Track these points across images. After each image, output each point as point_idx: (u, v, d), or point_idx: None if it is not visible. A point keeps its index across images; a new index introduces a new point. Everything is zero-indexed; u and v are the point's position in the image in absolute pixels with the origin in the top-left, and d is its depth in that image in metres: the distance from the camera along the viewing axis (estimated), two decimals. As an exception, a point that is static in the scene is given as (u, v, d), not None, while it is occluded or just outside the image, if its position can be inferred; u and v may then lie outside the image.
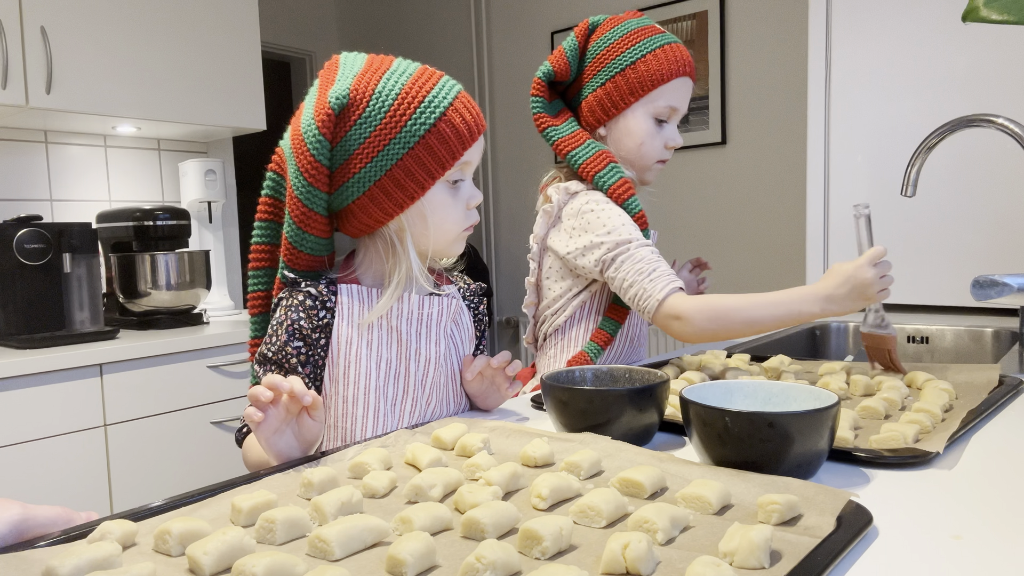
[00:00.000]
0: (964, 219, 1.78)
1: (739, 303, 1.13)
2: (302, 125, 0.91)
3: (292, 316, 0.92)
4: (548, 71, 1.33)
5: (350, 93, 0.90)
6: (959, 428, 0.84)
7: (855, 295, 1.06)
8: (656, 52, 1.28)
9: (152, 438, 2.03)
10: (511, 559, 0.53)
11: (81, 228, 2.11)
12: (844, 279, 1.07)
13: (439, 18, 3.81)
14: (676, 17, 3.04)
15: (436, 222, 0.95)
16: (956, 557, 0.56)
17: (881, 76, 1.88)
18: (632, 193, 1.28)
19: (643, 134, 1.30)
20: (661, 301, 1.16)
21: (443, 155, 0.92)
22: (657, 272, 1.18)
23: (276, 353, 0.93)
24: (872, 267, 1.06)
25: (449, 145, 0.92)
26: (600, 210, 1.25)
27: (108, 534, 0.59)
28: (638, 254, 1.20)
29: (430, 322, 0.99)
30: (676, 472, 0.71)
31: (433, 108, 0.90)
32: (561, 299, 1.33)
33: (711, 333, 1.14)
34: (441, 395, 1.00)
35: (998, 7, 1.09)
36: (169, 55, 2.34)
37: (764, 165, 2.88)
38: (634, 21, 1.32)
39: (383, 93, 0.90)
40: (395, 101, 0.90)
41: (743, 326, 1.13)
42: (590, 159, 1.29)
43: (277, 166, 0.96)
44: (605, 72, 1.30)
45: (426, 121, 0.90)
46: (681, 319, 1.14)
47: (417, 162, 0.91)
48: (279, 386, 0.78)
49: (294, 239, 0.94)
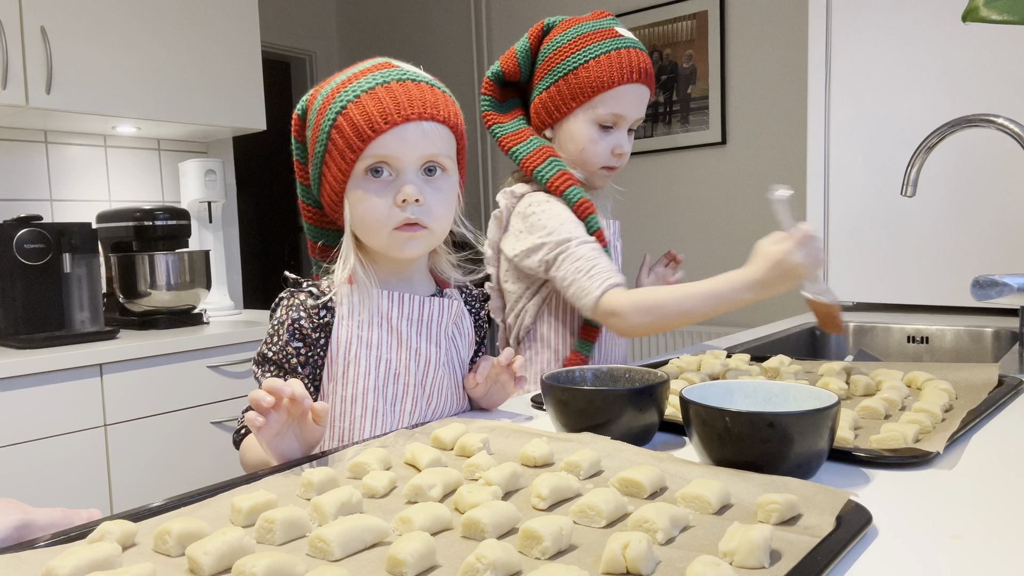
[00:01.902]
0: (964, 219, 1.78)
1: (671, 295, 1.14)
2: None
3: (293, 316, 0.93)
4: (497, 71, 1.33)
5: (310, 95, 0.97)
6: (959, 428, 0.84)
7: (787, 278, 1.06)
8: (601, 58, 1.25)
9: (152, 438, 2.03)
10: (511, 559, 0.53)
11: (81, 228, 2.10)
12: (774, 264, 1.06)
13: (439, 18, 3.81)
14: (676, 17, 3.04)
15: (358, 215, 0.93)
16: (956, 557, 0.56)
17: (881, 76, 1.88)
18: (571, 183, 1.27)
19: (584, 140, 1.29)
20: (598, 298, 1.16)
21: (342, 147, 0.91)
22: (596, 269, 1.18)
23: (276, 353, 0.93)
24: (800, 249, 1.05)
25: (345, 137, 0.90)
26: (541, 211, 1.25)
27: (108, 534, 0.59)
28: (577, 252, 1.20)
29: (431, 323, 0.99)
30: (676, 472, 0.71)
31: (339, 103, 0.91)
32: (521, 301, 1.33)
33: (646, 327, 1.15)
34: (441, 396, 1.00)
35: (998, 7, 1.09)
36: (169, 55, 2.34)
37: (764, 165, 2.88)
38: (590, 23, 1.29)
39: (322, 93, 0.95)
40: (322, 100, 0.94)
41: (677, 318, 1.13)
42: (530, 154, 1.29)
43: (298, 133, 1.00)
44: (551, 75, 1.29)
45: (330, 118, 0.92)
46: (617, 315, 1.15)
47: (331, 157, 0.93)
48: (280, 390, 0.77)
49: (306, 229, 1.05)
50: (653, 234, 3.16)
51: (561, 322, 1.32)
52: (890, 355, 1.71)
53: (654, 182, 3.18)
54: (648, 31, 3.14)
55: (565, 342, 1.33)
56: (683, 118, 3.06)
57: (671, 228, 3.13)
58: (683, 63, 3.04)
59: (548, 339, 1.33)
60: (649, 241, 3.12)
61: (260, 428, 0.78)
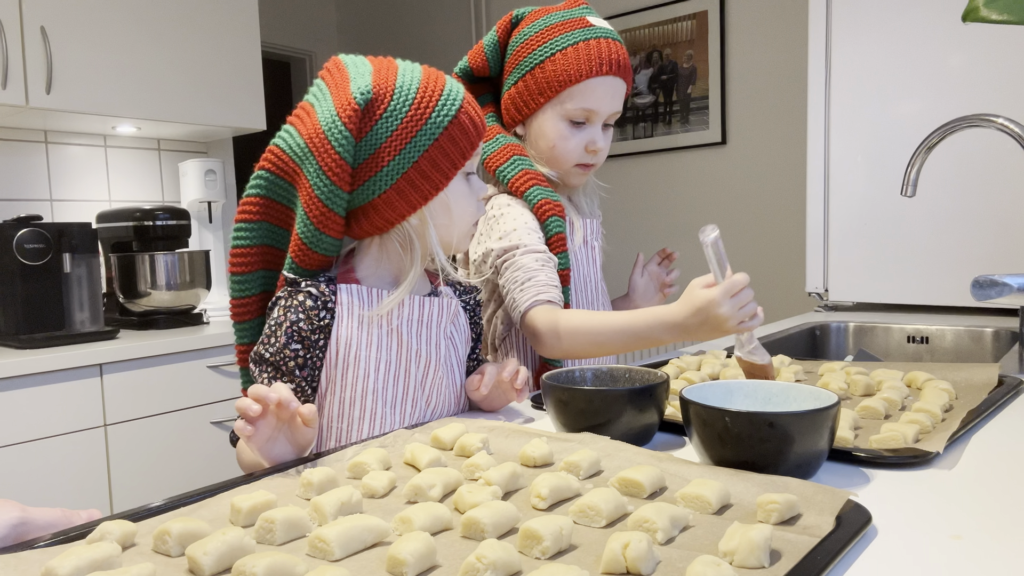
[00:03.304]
0: (964, 219, 1.78)
1: (590, 324, 1.09)
2: (323, 122, 0.90)
3: (292, 318, 0.91)
4: (464, 67, 1.29)
5: (373, 88, 0.90)
6: (959, 428, 0.84)
7: (708, 328, 0.98)
8: (568, 50, 1.19)
9: (152, 438, 2.03)
10: (512, 559, 0.53)
11: (81, 228, 2.11)
12: (695, 310, 0.98)
13: (439, 18, 3.81)
14: (676, 17, 3.04)
15: (458, 212, 0.98)
16: (955, 557, 0.56)
17: (881, 76, 1.88)
18: (534, 183, 1.22)
19: (554, 137, 1.23)
20: (523, 313, 1.14)
21: (464, 145, 0.94)
22: (530, 282, 1.14)
23: (274, 355, 0.92)
24: (728, 300, 0.95)
25: (468, 136, 0.95)
26: (500, 215, 1.22)
27: (107, 534, 0.59)
28: (519, 261, 1.17)
29: (430, 323, 0.99)
30: (675, 472, 0.71)
31: (452, 100, 0.93)
32: (490, 306, 1.29)
33: (560, 351, 1.12)
34: (440, 396, 1.00)
35: (998, 7, 1.09)
36: (169, 55, 2.34)
37: (764, 165, 2.88)
38: (559, 14, 1.23)
39: (404, 87, 0.92)
40: (417, 94, 0.92)
41: (590, 347, 1.10)
42: (494, 153, 1.25)
43: (274, 166, 0.94)
44: (518, 70, 1.24)
45: (448, 112, 0.92)
46: (535, 335, 1.13)
47: (442, 152, 0.93)
48: (266, 397, 0.77)
49: (310, 240, 0.92)
50: (652, 234, 3.16)
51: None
52: (890, 355, 1.71)
53: (654, 182, 3.17)
54: (648, 31, 3.14)
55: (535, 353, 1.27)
56: (683, 118, 3.06)
57: (671, 228, 3.13)
58: (683, 63, 3.04)
59: (522, 349, 1.29)
60: (649, 241, 3.13)
61: (250, 436, 0.78)
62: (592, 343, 1.09)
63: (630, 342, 1.07)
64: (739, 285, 0.96)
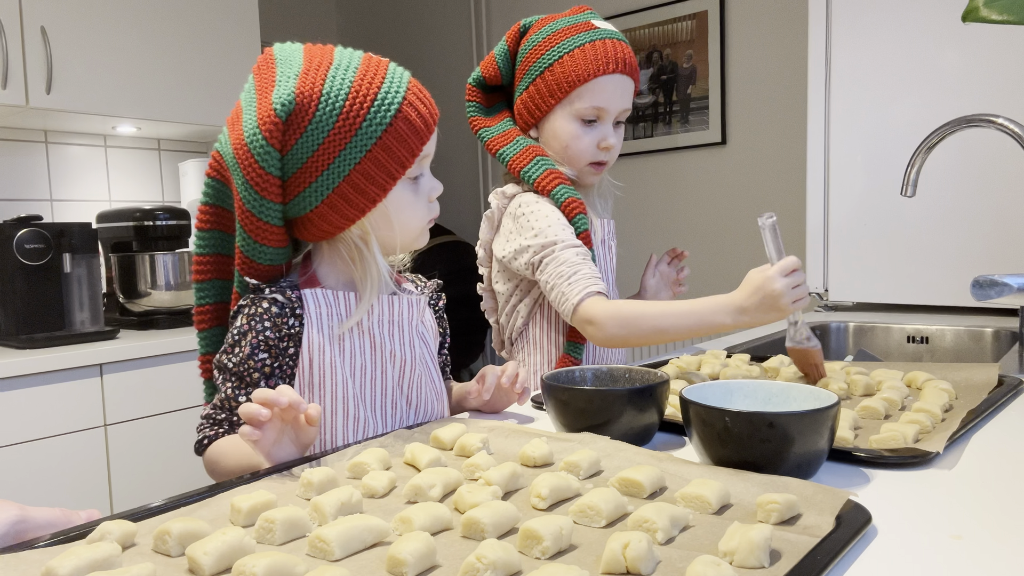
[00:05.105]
0: (964, 219, 1.78)
1: (651, 311, 1.11)
2: (245, 134, 0.84)
3: (257, 327, 0.87)
4: (478, 77, 1.34)
5: (296, 97, 0.83)
6: (959, 428, 0.84)
7: (766, 306, 1.03)
8: (575, 52, 1.24)
9: (152, 438, 2.03)
10: (512, 559, 0.53)
11: (81, 228, 2.11)
12: (754, 288, 1.03)
13: (439, 18, 3.81)
14: (676, 17, 3.04)
15: (401, 221, 0.92)
16: (956, 557, 0.56)
17: (881, 76, 1.88)
18: (559, 182, 1.25)
19: (567, 136, 1.27)
20: (576, 305, 1.15)
21: (402, 154, 0.87)
22: (577, 275, 1.17)
23: (238, 365, 0.88)
24: (783, 278, 1.02)
25: (407, 143, 0.87)
26: (530, 212, 1.24)
27: (107, 534, 0.59)
28: (561, 256, 1.19)
29: (402, 322, 0.97)
30: (675, 472, 0.71)
31: (388, 105, 0.85)
32: (511, 301, 1.33)
33: (621, 339, 1.13)
34: (421, 396, 0.99)
35: (998, 7, 1.09)
36: (169, 55, 2.34)
37: (764, 165, 2.88)
38: (565, 20, 1.28)
39: (331, 94, 0.84)
40: (346, 102, 0.84)
41: (653, 333, 1.11)
42: (517, 155, 1.29)
43: (216, 172, 0.91)
44: (528, 75, 1.29)
45: (382, 120, 0.85)
46: (593, 324, 1.14)
47: (376, 164, 0.86)
48: (276, 401, 0.75)
49: (249, 251, 0.89)
50: (653, 234, 3.16)
51: (552, 324, 1.31)
52: (890, 355, 1.71)
53: (654, 182, 3.17)
54: (648, 31, 3.14)
55: (556, 344, 1.32)
56: (683, 118, 3.06)
57: (671, 228, 3.13)
58: (683, 63, 3.04)
59: (539, 341, 1.32)
60: (648, 241, 3.12)
61: (257, 441, 0.76)
62: (655, 329, 1.11)
63: (693, 326, 1.08)
64: (793, 265, 1.03)
